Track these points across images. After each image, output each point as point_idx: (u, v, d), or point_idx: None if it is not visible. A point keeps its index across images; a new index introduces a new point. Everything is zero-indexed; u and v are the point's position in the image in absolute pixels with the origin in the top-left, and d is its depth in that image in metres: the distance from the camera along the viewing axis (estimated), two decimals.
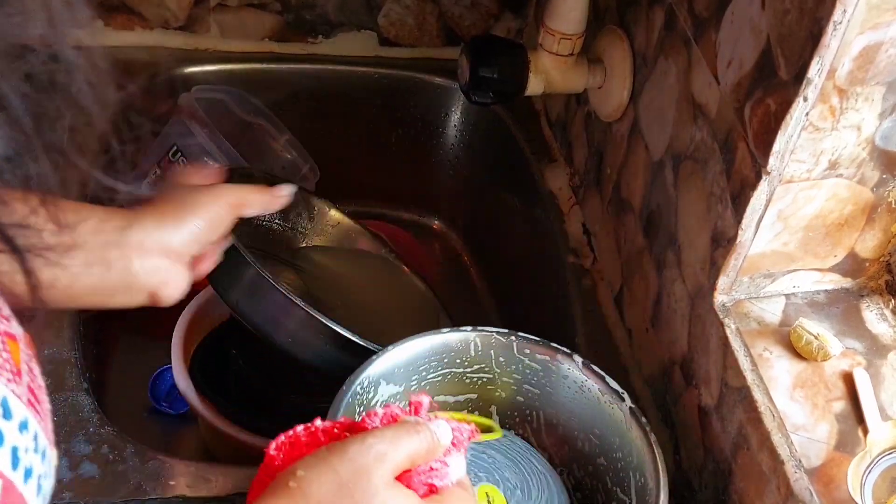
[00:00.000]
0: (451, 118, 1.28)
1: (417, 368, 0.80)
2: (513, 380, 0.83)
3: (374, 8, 1.25)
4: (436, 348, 0.80)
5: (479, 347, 0.81)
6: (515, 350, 0.81)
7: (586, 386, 0.80)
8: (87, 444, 0.82)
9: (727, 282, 0.79)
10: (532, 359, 0.81)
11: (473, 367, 0.82)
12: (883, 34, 0.64)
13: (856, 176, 0.73)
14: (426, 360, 0.80)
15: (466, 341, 0.81)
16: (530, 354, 0.81)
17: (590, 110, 1.08)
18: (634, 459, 0.76)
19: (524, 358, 0.81)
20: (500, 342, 0.81)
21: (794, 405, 0.75)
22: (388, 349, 0.78)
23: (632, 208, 0.97)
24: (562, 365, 0.80)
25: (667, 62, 0.88)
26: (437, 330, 0.81)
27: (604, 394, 0.79)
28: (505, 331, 0.81)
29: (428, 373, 0.81)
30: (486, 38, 1.02)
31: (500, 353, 0.81)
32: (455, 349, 0.81)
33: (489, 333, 0.81)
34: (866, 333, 0.80)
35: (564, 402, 0.82)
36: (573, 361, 0.80)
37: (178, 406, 1.07)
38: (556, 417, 0.83)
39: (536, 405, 0.83)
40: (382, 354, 0.78)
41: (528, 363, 0.81)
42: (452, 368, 0.82)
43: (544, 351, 0.81)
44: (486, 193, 1.30)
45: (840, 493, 0.70)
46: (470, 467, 0.77)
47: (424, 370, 0.81)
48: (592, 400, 0.80)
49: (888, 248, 0.80)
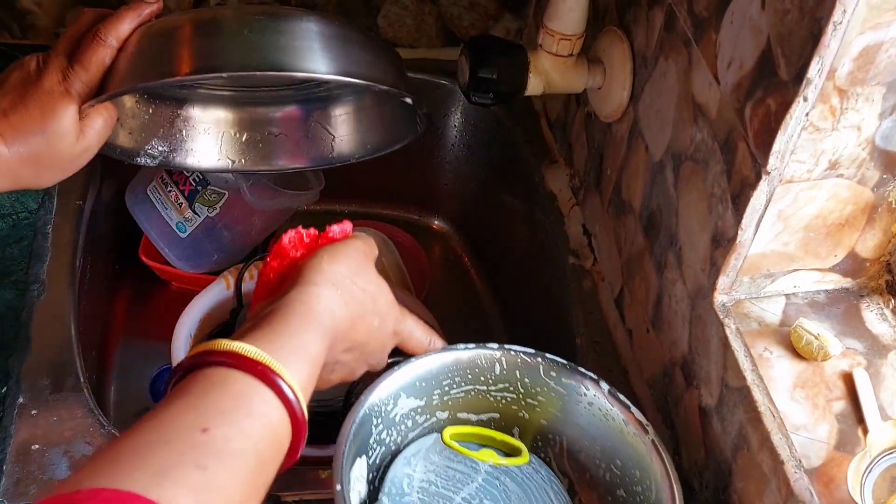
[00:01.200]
0: (450, 119, 1.28)
1: (440, 383, 0.79)
2: (537, 402, 0.81)
3: (373, 8, 1.25)
4: (461, 364, 0.79)
5: (504, 366, 0.80)
6: (542, 372, 0.80)
7: (611, 414, 0.78)
8: (87, 444, 0.82)
9: (727, 282, 0.80)
10: (558, 382, 0.80)
11: (498, 386, 0.81)
12: (883, 34, 0.64)
13: (856, 176, 0.73)
14: (449, 374, 0.79)
15: (492, 359, 0.80)
16: (556, 378, 0.80)
17: (590, 111, 1.08)
18: (654, 495, 0.75)
19: (550, 381, 0.80)
20: (526, 363, 0.80)
21: (795, 405, 0.75)
22: (411, 361, 0.77)
23: (632, 209, 0.97)
24: (588, 391, 0.79)
25: (667, 62, 0.88)
26: (463, 345, 0.79)
27: (627, 424, 0.77)
28: (532, 351, 0.80)
29: (451, 388, 0.80)
30: (486, 39, 1.02)
31: (526, 373, 0.80)
32: (480, 366, 0.79)
33: (515, 353, 0.80)
34: (866, 333, 0.80)
35: (588, 429, 0.80)
36: (599, 388, 0.79)
37: None
38: (578, 443, 0.81)
39: (559, 429, 0.82)
40: (403, 366, 0.76)
41: (554, 386, 0.80)
42: (476, 385, 0.80)
43: (571, 375, 0.79)
44: (486, 194, 1.30)
45: (840, 492, 0.70)
46: (478, 494, 0.77)
47: (448, 385, 0.79)
48: (616, 429, 0.78)
49: (888, 248, 0.80)
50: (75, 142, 0.78)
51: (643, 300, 0.95)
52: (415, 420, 0.80)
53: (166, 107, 0.96)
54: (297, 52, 0.78)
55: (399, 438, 0.79)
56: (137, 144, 0.95)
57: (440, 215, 1.38)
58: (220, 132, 0.99)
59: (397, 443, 0.79)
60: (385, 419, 0.76)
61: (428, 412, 0.80)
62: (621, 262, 1.01)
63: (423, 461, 0.78)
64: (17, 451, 0.80)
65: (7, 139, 0.75)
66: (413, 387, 0.78)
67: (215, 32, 0.79)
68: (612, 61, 0.99)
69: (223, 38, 0.79)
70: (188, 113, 0.97)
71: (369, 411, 0.74)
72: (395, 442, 0.79)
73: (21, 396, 0.84)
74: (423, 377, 0.78)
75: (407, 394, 0.77)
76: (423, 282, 1.23)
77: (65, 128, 0.77)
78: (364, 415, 0.73)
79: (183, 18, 0.80)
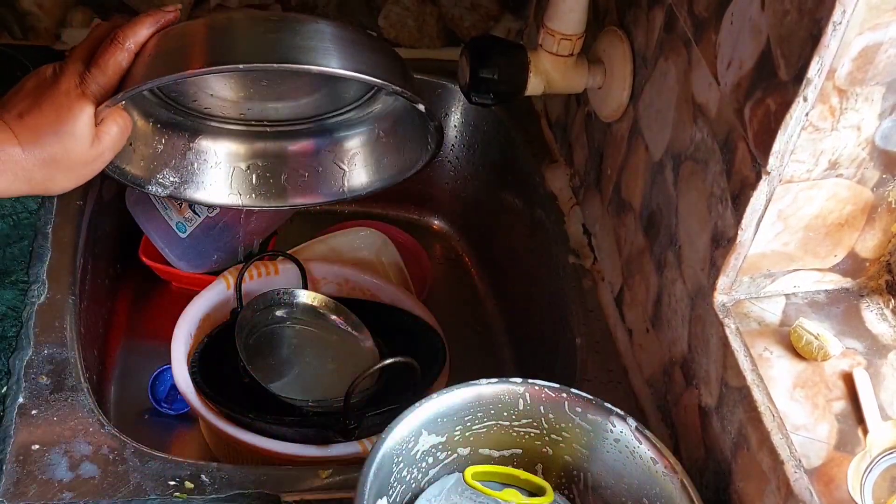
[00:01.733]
0: (451, 118, 1.28)
1: (462, 419, 0.77)
2: (561, 437, 0.79)
3: (374, 9, 1.25)
4: (483, 399, 0.77)
5: (528, 401, 0.78)
6: (566, 408, 0.78)
7: (638, 451, 0.76)
8: (87, 444, 0.82)
9: (727, 282, 0.80)
10: (583, 418, 0.78)
11: (521, 422, 0.79)
12: (882, 34, 0.64)
13: (856, 176, 0.73)
14: (471, 410, 0.77)
15: (515, 394, 0.78)
16: (581, 413, 0.78)
17: (590, 111, 1.08)
18: None
19: (575, 416, 0.78)
20: (550, 398, 0.78)
21: (794, 405, 0.75)
22: (433, 397, 0.75)
23: (632, 209, 0.97)
24: (615, 427, 0.77)
25: (667, 63, 0.88)
26: (486, 380, 0.78)
27: (656, 463, 0.75)
28: (557, 386, 0.78)
29: (473, 423, 0.78)
30: (486, 39, 1.02)
31: (550, 409, 0.78)
32: (503, 402, 0.78)
33: (540, 388, 0.78)
34: (866, 333, 0.80)
35: (614, 466, 0.78)
36: (626, 424, 0.77)
37: (178, 406, 1.07)
38: (603, 480, 0.79)
39: (584, 466, 0.80)
40: (424, 403, 0.75)
41: (579, 422, 0.78)
42: (499, 420, 0.79)
43: (597, 411, 0.77)
44: (486, 194, 1.30)
45: (840, 492, 0.70)
46: None
47: (469, 420, 0.78)
48: (643, 467, 0.76)
49: (888, 248, 0.80)
50: (90, 146, 0.78)
51: (643, 300, 0.95)
52: (436, 457, 0.78)
53: (179, 137, 0.96)
54: (312, 51, 0.79)
55: (420, 476, 0.78)
56: (149, 173, 0.96)
57: (440, 215, 1.38)
58: (231, 167, 0.99)
59: (418, 480, 0.78)
60: (406, 457, 0.75)
61: (449, 448, 0.79)
62: (621, 262, 1.01)
63: (445, 502, 0.77)
64: (17, 451, 0.80)
65: (22, 141, 0.75)
66: (434, 423, 0.76)
67: (230, 31, 0.80)
68: (613, 61, 0.99)
69: (238, 36, 0.80)
70: (200, 145, 0.98)
71: (390, 451, 0.72)
72: (415, 479, 0.78)
73: (21, 396, 0.84)
74: (444, 413, 0.76)
75: (428, 431, 0.76)
76: (424, 282, 1.23)
77: (80, 129, 0.77)
78: (385, 454, 0.71)
79: (199, 22, 0.81)
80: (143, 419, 1.08)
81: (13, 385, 0.85)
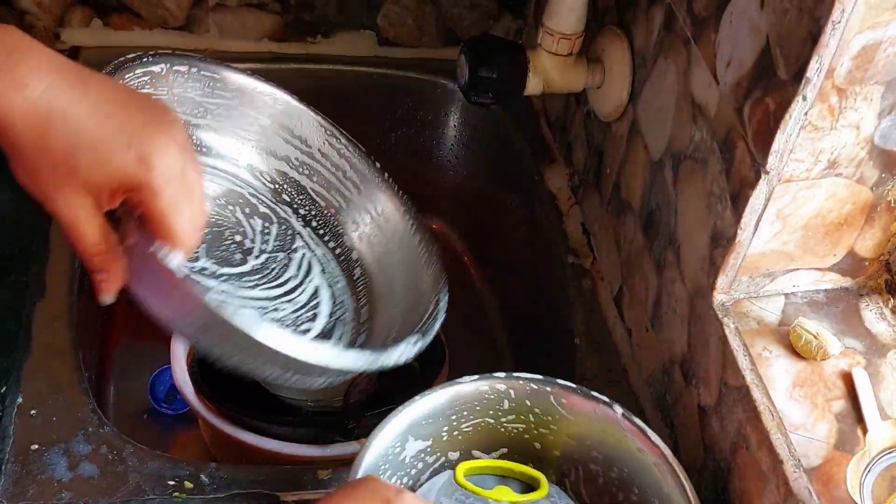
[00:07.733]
0: (450, 118, 1.28)
1: (448, 418, 0.77)
2: (549, 430, 0.79)
3: (374, 8, 1.25)
4: (467, 396, 0.77)
5: (513, 396, 0.77)
6: (552, 399, 0.77)
7: (626, 439, 0.76)
8: (86, 444, 0.82)
9: (726, 281, 0.80)
10: (569, 410, 0.77)
11: (509, 417, 0.78)
12: (881, 33, 0.64)
13: (855, 175, 0.73)
14: (456, 409, 0.77)
15: (499, 389, 0.77)
16: (567, 404, 0.77)
17: (589, 110, 1.08)
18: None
19: (561, 408, 0.78)
20: (535, 391, 0.77)
21: (794, 404, 0.75)
22: (415, 400, 0.74)
23: (631, 208, 0.97)
24: (601, 416, 0.77)
25: (666, 62, 0.88)
26: (468, 377, 0.77)
27: (643, 452, 0.75)
28: (540, 377, 0.78)
29: (460, 422, 0.77)
30: (485, 39, 1.02)
31: (537, 403, 0.78)
32: (488, 398, 0.77)
33: (524, 381, 0.77)
34: (865, 333, 0.80)
35: (605, 454, 0.78)
36: (613, 412, 0.76)
37: (178, 406, 1.07)
38: (595, 470, 0.79)
39: (575, 458, 0.80)
40: (408, 406, 0.74)
41: (565, 413, 0.78)
42: (485, 418, 0.78)
43: (583, 401, 0.77)
44: (486, 193, 1.30)
45: (839, 492, 0.70)
46: None
47: (456, 419, 0.77)
48: (631, 453, 0.76)
49: (887, 248, 0.80)
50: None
51: (642, 299, 0.95)
52: (425, 461, 0.78)
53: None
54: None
55: (410, 482, 0.78)
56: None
57: (440, 215, 1.37)
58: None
59: (408, 486, 0.78)
60: (393, 463, 0.75)
61: (438, 451, 0.78)
62: (620, 261, 1.01)
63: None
64: (17, 451, 0.80)
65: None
66: (420, 426, 0.75)
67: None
68: (612, 61, 0.99)
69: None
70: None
71: (376, 458, 0.71)
72: (405, 486, 0.77)
73: (21, 396, 0.84)
74: (429, 415, 0.75)
75: (415, 436, 0.75)
76: None
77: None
78: (370, 463, 0.71)
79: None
80: (143, 419, 1.08)
81: (13, 385, 0.85)
